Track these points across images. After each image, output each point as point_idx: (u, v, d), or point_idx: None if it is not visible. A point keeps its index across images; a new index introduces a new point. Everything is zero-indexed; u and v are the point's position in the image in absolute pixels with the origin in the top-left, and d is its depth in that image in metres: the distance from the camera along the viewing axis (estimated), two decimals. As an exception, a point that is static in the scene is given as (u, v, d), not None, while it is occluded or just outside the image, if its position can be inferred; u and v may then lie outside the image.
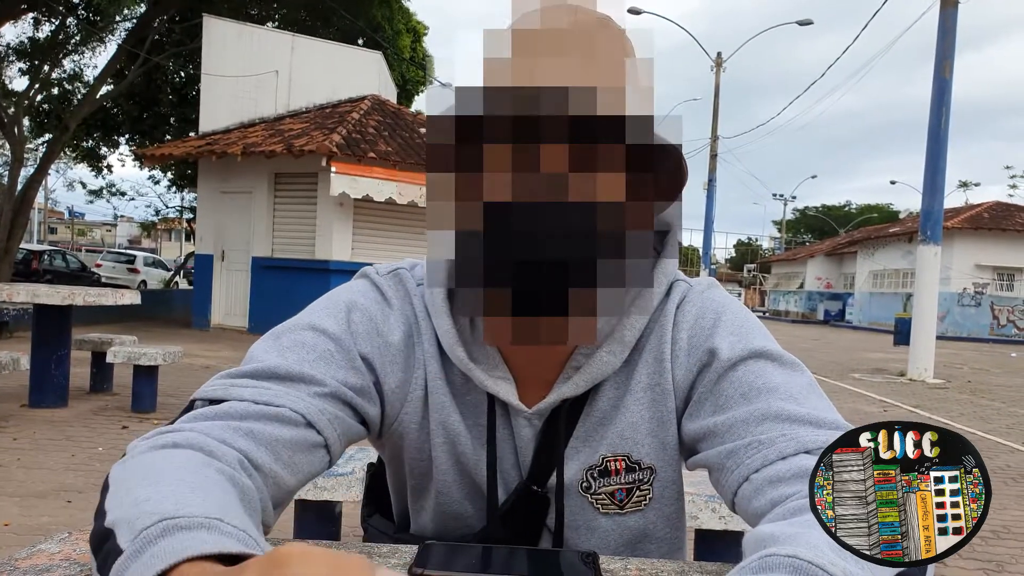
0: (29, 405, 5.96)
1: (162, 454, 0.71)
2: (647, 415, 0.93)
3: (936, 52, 12.28)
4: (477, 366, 0.91)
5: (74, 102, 17.77)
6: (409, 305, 0.95)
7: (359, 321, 0.92)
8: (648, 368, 0.93)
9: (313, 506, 2.41)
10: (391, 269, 1.00)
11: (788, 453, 0.78)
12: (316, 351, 0.87)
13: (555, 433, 0.93)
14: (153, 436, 0.75)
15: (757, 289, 60.37)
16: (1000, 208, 33.73)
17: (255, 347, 0.89)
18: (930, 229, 12.32)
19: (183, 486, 0.63)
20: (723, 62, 29.32)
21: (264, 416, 0.79)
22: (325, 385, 0.85)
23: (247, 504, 0.70)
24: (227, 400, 0.80)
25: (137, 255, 32.53)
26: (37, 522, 3.54)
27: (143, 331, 11.07)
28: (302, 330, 0.89)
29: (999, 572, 3.54)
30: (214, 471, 0.69)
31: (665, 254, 0.96)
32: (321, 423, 0.83)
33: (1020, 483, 5.39)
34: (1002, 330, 31.61)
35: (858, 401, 9.53)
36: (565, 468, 0.93)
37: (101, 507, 0.64)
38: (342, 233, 12.58)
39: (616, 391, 0.94)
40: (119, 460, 0.72)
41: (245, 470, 0.74)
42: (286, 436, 0.80)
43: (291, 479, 0.81)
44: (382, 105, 14.62)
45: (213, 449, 0.72)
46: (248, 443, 0.76)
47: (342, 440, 0.87)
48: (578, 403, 0.93)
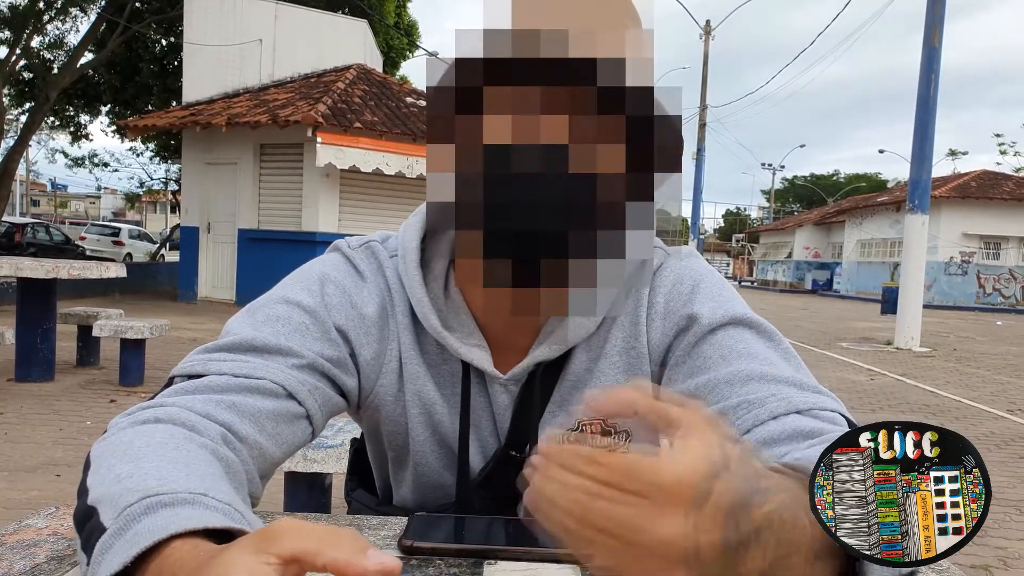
0: (15, 379, 5.93)
1: (144, 429, 0.70)
2: (622, 379, 0.93)
3: (926, 19, 12.22)
4: (451, 334, 0.91)
5: (54, 71, 17.50)
6: (382, 277, 0.95)
7: (333, 293, 0.92)
8: (623, 332, 0.93)
9: (303, 478, 2.41)
10: (363, 242, 0.99)
11: (779, 413, 0.78)
12: (291, 324, 0.87)
13: (531, 398, 0.93)
14: (134, 412, 0.74)
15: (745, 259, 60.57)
16: (987, 177, 33.85)
17: (231, 322, 0.89)
18: (918, 198, 12.36)
19: (165, 461, 0.63)
20: (712, 30, 29.12)
21: (245, 388, 0.79)
22: (302, 357, 0.85)
23: (233, 477, 0.70)
24: (206, 375, 0.80)
25: (122, 228, 32.21)
26: (26, 496, 3.53)
27: (129, 304, 11.02)
28: (276, 304, 0.89)
29: (982, 537, 3.59)
30: (196, 445, 0.68)
31: None
32: (302, 394, 0.83)
33: (1004, 449, 5.45)
34: (988, 299, 31.86)
35: (845, 370, 9.60)
36: (543, 433, 0.93)
37: (84, 485, 0.63)
38: (328, 204, 12.50)
39: (588, 355, 0.94)
40: (100, 437, 0.71)
41: (228, 443, 0.74)
42: (268, 407, 0.80)
43: (276, 450, 0.81)
44: (368, 74, 14.47)
45: (195, 423, 0.72)
46: (231, 415, 0.76)
47: (323, 411, 0.87)
48: (554, 368, 0.93)
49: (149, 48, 18.41)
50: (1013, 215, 31.33)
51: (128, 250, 28.56)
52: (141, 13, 16.99)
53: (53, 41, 18.26)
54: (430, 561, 0.69)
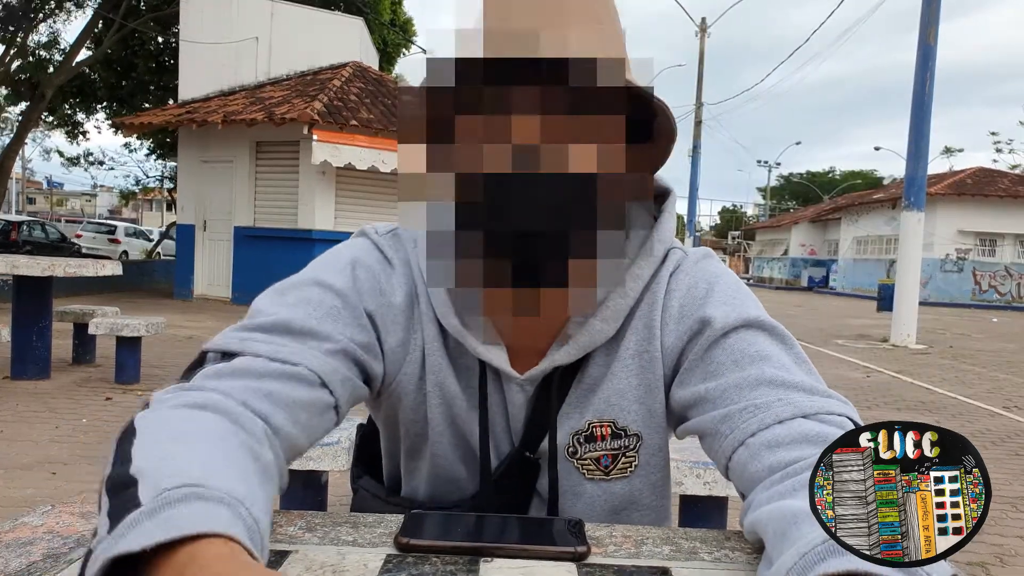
0: (11, 377, 5.92)
1: (191, 414, 0.70)
2: (635, 382, 0.93)
3: (921, 18, 12.23)
4: (469, 332, 0.90)
5: (50, 69, 17.45)
6: (409, 267, 0.95)
7: (363, 278, 0.91)
8: (638, 335, 0.93)
9: (300, 476, 2.40)
10: (390, 229, 0.99)
11: (785, 417, 0.78)
12: (323, 307, 0.86)
13: (547, 400, 0.93)
14: (176, 392, 0.74)
15: (741, 256, 60.62)
16: (983, 174, 33.91)
17: (259, 301, 0.88)
18: (913, 195, 12.37)
19: (214, 452, 0.64)
20: (707, 27, 29.12)
21: (283, 375, 0.79)
22: (335, 341, 0.84)
23: (268, 481, 0.70)
24: (242, 354, 0.79)
25: (118, 225, 32.17)
26: (22, 494, 3.52)
27: (125, 302, 10.99)
28: (308, 286, 0.88)
29: (979, 534, 3.59)
30: (239, 443, 0.69)
31: (663, 220, 0.95)
32: (334, 383, 0.83)
33: (1000, 446, 5.46)
34: (984, 295, 31.93)
35: (841, 367, 9.61)
36: (557, 434, 0.93)
37: (127, 451, 0.63)
38: (325, 202, 12.49)
39: (606, 358, 0.93)
40: (143, 410, 0.71)
41: (268, 439, 0.74)
42: (304, 398, 0.80)
43: (304, 441, 0.81)
44: (364, 72, 14.44)
45: (238, 416, 0.72)
46: (268, 406, 0.76)
47: (349, 402, 0.88)
48: (570, 370, 0.93)
49: (145, 46, 18.36)
50: (1009, 212, 31.40)
51: (124, 248, 28.53)
52: (137, 10, 16.93)
53: (48, 39, 18.21)
54: (426, 558, 0.69)
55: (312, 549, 0.70)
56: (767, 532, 0.66)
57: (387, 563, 0.67)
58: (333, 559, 0.68)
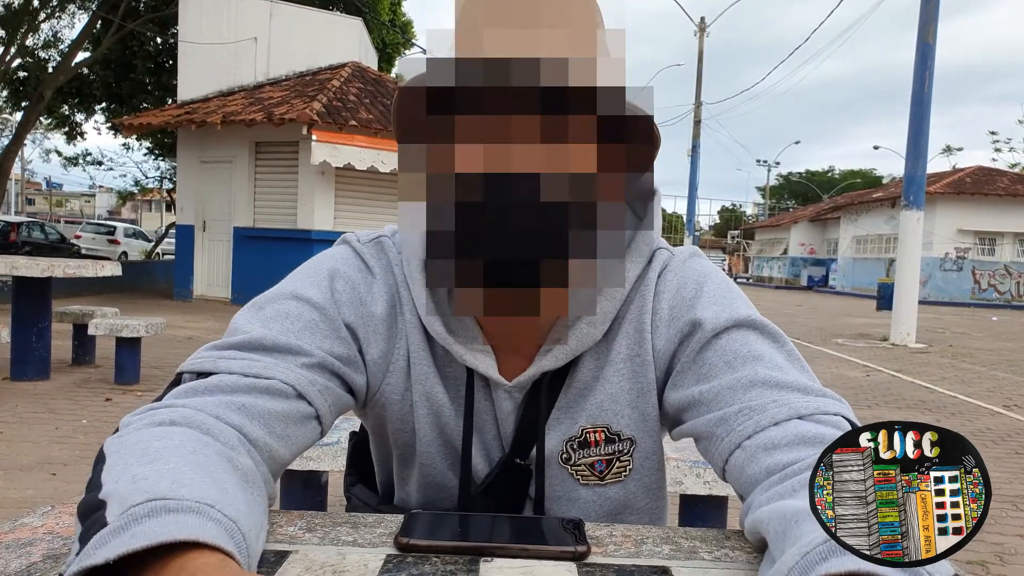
0: (11, 378, 5.92)
1: (161, 431, 0.69)
2: (627, 386, 0.92)
3: (920, 16, 12.23)
4: (455, 339, 0.90)
5: (49, 70, 17.44)
6: (391, 275, 0.94)
7: (342, 289, 0.91)
8: (628, 339, 0.92)
9: (299, 476, 2.40)
10: (373, 237, 0.98)
11: (781, 419, 0.77)
12: (301, 321, 0.86)
13: (536, 406, 0.92)
14: (146, 412, 0.74)
15: (741, 255, 60.61)
16: (982, 173, 33.90)
17: (238, 318, 0.87)
18: (913, 194, 12.37)
19: (183, 464, 0.63)
20: (707, 27, 29.12)
21: (255, 389, 0.78)
22: (312, 356, 0.84)
23: (251, 486, 0.70)
24: (216, 373, 0.79)
25: (117, 226, 32.15)
26: (22, 495, 3.53)
27: (125, 303, 11.00)
28: (285, 299, 0.88)
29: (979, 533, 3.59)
30: (213, 452, 0.68)
31: (646, 223, 0.94)
32: (311, 394, 0.82)
33: (1000, 445, 5.47)
34: (983, 294, 31.93)
35: (841, 366, 9.61)
36: (546, 440, 0.93)
37: (96, 479, 0.63)
38: (324, 202, 12.48)
39: (596, 362, 0.93)
40: (113, 435, 0.71)
41: (244, 447, 0.74)
42: (278, 409, 0.79)
43: (285, 452, 0.81)
44: (363, 72, 14.44)
45: (210, 427, 0.72)
46: (242, 418, 0.76)
47: (332, 410, 0.87)
48: (559, 375, 0.92)
49: (144, 46, 18.34)
50: (1008, 211, 31.40)
51: (123, 248, 28.52)
52: (136, 11, 16.92)
53: (48, 40, 18.19)
54: (426, 559, 0.69)
55: (312, 549, 0.70)
56: (769, 531, 0.66)
57: (387, 563, 0.67)
58: (333, 559, 0.68)
